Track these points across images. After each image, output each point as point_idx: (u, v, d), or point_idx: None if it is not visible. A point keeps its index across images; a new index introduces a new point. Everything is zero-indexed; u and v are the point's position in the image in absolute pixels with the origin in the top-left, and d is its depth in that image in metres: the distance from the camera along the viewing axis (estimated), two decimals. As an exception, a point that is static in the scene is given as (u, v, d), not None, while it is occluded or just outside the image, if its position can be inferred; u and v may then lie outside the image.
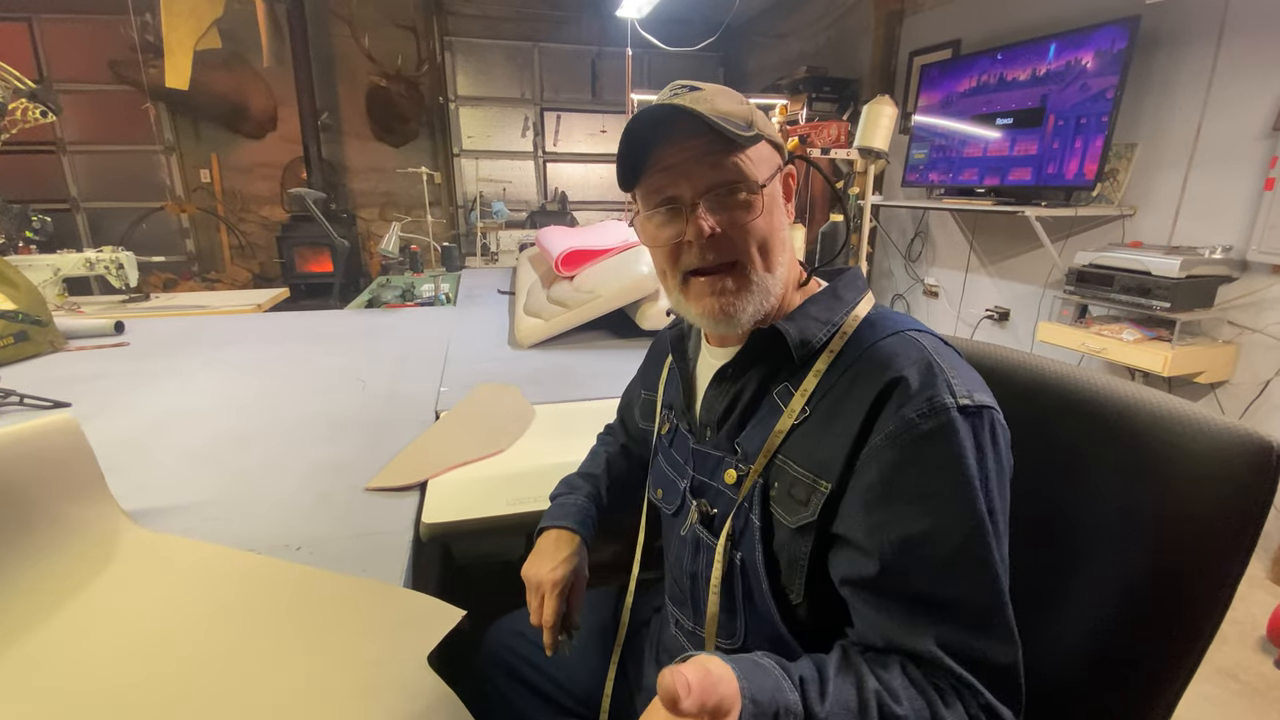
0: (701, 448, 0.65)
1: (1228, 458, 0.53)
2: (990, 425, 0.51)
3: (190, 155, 4.83)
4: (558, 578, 0.70)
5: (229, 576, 0.73)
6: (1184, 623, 0.54)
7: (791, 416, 0.57)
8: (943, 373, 0.51)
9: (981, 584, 0.49)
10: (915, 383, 0.51)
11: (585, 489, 0.81)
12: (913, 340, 0.55)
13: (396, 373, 1.45)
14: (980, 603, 0.49)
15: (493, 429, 1.13)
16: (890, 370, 0.52)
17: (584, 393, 1.32)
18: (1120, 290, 2.19)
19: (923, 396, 0.50)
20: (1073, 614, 0.60)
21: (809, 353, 0.58)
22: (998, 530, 0.50)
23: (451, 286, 2.53)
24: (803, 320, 0.59)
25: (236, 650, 0.62)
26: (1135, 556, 0.57)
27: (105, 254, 2.30)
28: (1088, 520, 0.60)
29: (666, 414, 0.74)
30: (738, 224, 0.57)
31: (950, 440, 0.49)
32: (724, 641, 0.62)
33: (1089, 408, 0.62)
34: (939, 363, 0.52)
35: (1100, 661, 0.59)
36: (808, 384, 0.57)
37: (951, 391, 0.50)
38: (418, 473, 0.95)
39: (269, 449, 1.06)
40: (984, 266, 3.13)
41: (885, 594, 0.51)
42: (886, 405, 0.51)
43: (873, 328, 0.58)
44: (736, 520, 0.59)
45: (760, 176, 0.57)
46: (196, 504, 0.88)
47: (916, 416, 0.50)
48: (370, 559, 0.76)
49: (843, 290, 0.62)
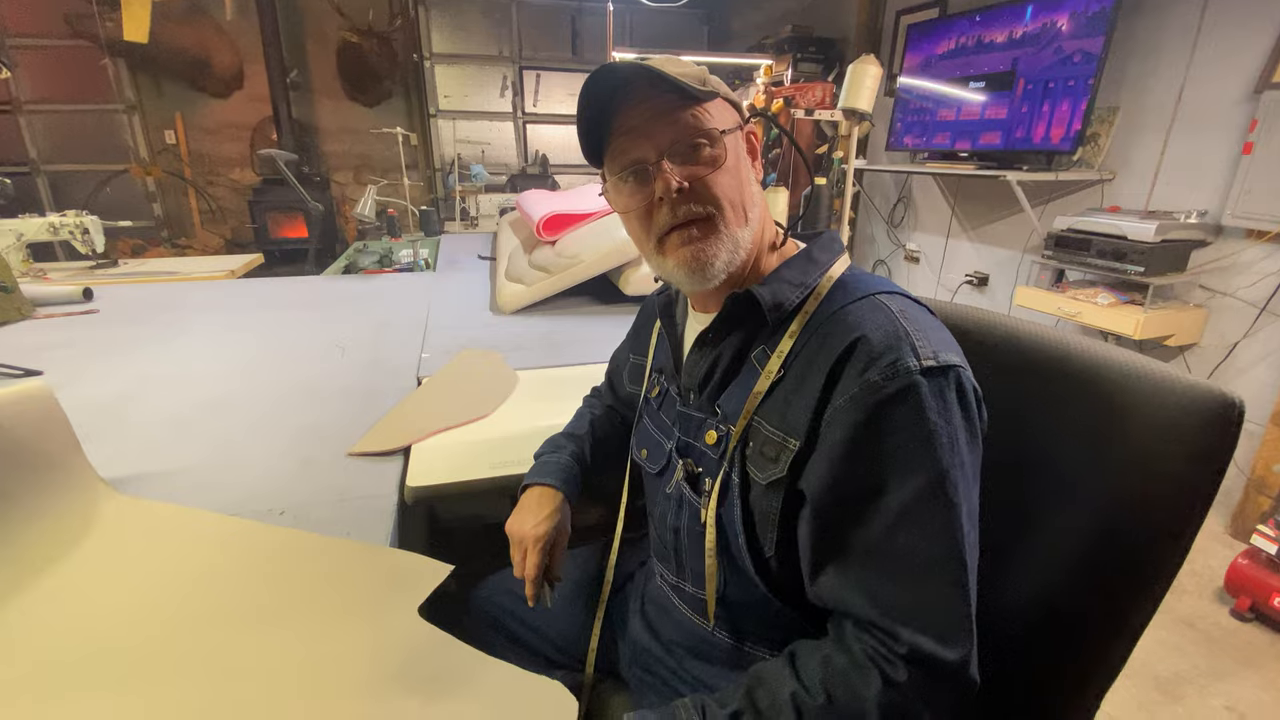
0: (687, 410, 0.67)
1: (1191, 413, 0.55)
2: (956, 383, 0.52)
3: (153, 115, 4.63)
4: (540, 533, 0.72)
5: (213, 540, 0.73)
6: (1141, 573, 0.57)
7: (769, 378, 0.58)
8: (908, 336, 0.52)
9: (937, 536, 0.50)
10: (879, 347, 0.52)
11: (569, 448, 0.82)
12: (880, 304, 0.56)
13: (377, 339, 1.43)
14: (935, 554, 0.50)
15: (476, 395, 1.12)
16: (853, 334, 0.54)
17: (567, 358, 1.32)
18: (1096, 255, 2.22)
19: (885, 360, 0.51)
20: (1034, 563, 0.63)
21: (783, 315, 0.60)
22: (963, 484, 0.51)
23: (431, 252, 2.49)
24: (776, 284, 0.60)
25: (225, 613, 0.63)
26: (1097, 509, 0.59)
27: (69, 218, 2.22)
28: (1052, 475, 0.63)
29: (656, 378, 0.75)
30: (703, 177, 0.59)
31: (912, 401, 0.50)
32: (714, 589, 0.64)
33: (1058, 365, 0.63)
34: (904, 326, 0.53)
35: (1058, 610, 0.62)
36: (783, 346, 0.59)
37: (916, 354, 0.51)
38: (401, 438, 0.95)
39: (248, 416, 1.05)
40: (965, 232, 3.15)
41: (840, 548, 0.53)
42: (848, 368, 0.53)
43: (844, 290, 0.59)
44: (718, 478, 0.61)
45: (721, 126, 0.59)
46: (176, 471, 0.88)
47: (879, 379, 0.51)
48: (355, 523, 0.76)
49: (818, 253, 0.63)
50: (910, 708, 0.50)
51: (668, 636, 0.71)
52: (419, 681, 0.57)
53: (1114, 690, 0.60)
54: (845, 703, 0.50)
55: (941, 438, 0.50)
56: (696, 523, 0.63)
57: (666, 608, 0.72)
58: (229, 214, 4.91)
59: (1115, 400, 0.59)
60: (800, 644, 0.56)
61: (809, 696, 0.51)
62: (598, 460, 0.85)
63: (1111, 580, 0.58)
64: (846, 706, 0.50)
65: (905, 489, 0.50)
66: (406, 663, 0.58)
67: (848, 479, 0.52)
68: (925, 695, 0.50)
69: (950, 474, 0.50)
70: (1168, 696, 1.46)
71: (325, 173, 4.94)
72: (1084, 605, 0.60)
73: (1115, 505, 0.58)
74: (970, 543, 0.51)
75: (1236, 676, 1.52)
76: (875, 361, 0.52)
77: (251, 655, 0.58)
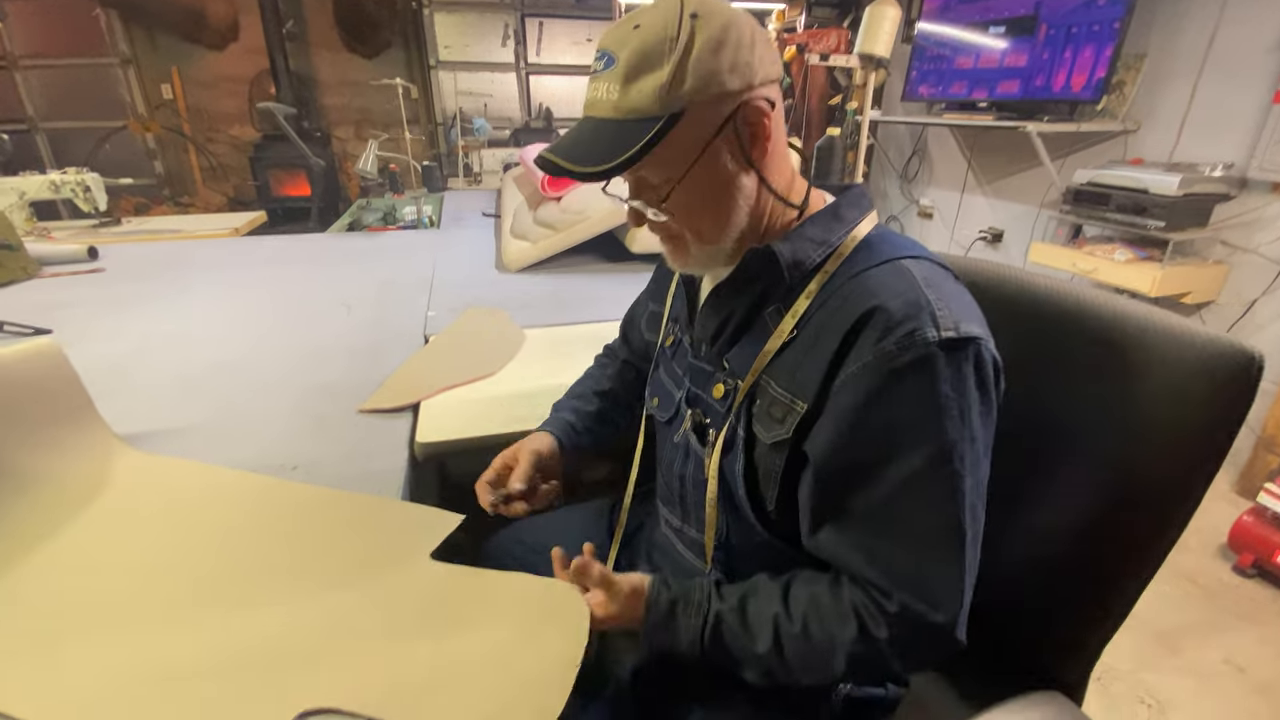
0: (698, 362, 0.67)
1: (1209, 368, 0.54)
2: (975, 356, 0.51)
3: (149, 69, 4.53)
4: (533, 447, 0.76)
5: (229, 494, 0.74)
6: (1150, 527, 0.57)
7: (780, 338, 0.58)
8: (929, 305, 0.51)
9: (939, 508, 0.51)
10: (897, 315, 0.51)
11: (569, 405, 0.86)
12: (903, 270, 0.54)
13: (382, 297, 1.43)
14: (935, 524, 0.51)
15: (483, 352, 1.12)
16: (872, 300, 0.52)
17: (574, 316, 1.31)
18: (1116, 209, 2.16)
19: (903, 330, 0.50)
20: (1040, 515, 0.63)
21: (802, 274, 0.58)
22: (970, 457, 0.51)
23: (434, 209, 2.46)
24: (798, 241, 0.58)
25: (244, 564, 0.64)
26: (1107, 463, 0.59)
27: (70, 176, 2.20)
28: (1062, 428, 0.62)
29: (672, 327, 0.75)
30: (662, 219, 0.58)
31: (926, 372, 0.50)
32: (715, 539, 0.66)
33: (1073, 319, 0.62)
34: (926, 295, 0.51)
35: (1063, 562, 0.62)
36: (798, 306, 0.57)
37: (936, 324, 0.50)
38: (410, 394, 0.96)
39: (257, 374, 1.06)
40: (980, 187, 3.08)
41: (841, 510, 0.54)
42: (864, 334, 0.52)
43: (868, 251, 0.57)
44: (723, 431, 0.62)
45: (679, 166, 0.55)
46: (187, 428, 0.89)
47: (894, 348, 0.50)
48: (367, 478, 0.77)
49: (844, 209, 0.61)
50: (879, 659, 0.53)
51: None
52: (438, 612, 0.59)
53: (1113, 642, 0.61)
54: (817, 639, 0.54)
55: (953, 410, 0.50)
56: (701, 472, 0.64)
57: (669, 552, 0.74)
58: (230, 171, 4.85)
59: (1131, 354, 0.58)
60: (800, 574, 0.59)
61: (789, 623, 0.56)
62: (606, 415, 0.85)
63: (1119, 533, 0.59)
64: (818, 643, 0.54)
65: (912, 460, 0.50)
66: (423, 599, 0.61)
67: (853, 446, 0.52)
68: (903, 649, 0.53)
69: (958, 447, 0.50)
70: (1167, 649, 1.49)
71: (325, 128, 4.85)
72: (1089, 558, 0.61)
73: (1126, 459, 0.58)
74: (974, 515, 0.52)
75: (1236, 630, 1.55)
76: (892, 330, 0.50)
77: (270, 604, 0.59)
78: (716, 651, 0.58)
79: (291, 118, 2.41)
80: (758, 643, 0.56)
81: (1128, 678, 1.41)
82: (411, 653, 0.55)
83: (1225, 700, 1.37)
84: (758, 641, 0.56)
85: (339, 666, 0.52)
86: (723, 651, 0.58)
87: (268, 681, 0.50)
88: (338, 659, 0.53)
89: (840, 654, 0.54)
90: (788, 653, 0.55)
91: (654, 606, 0.59)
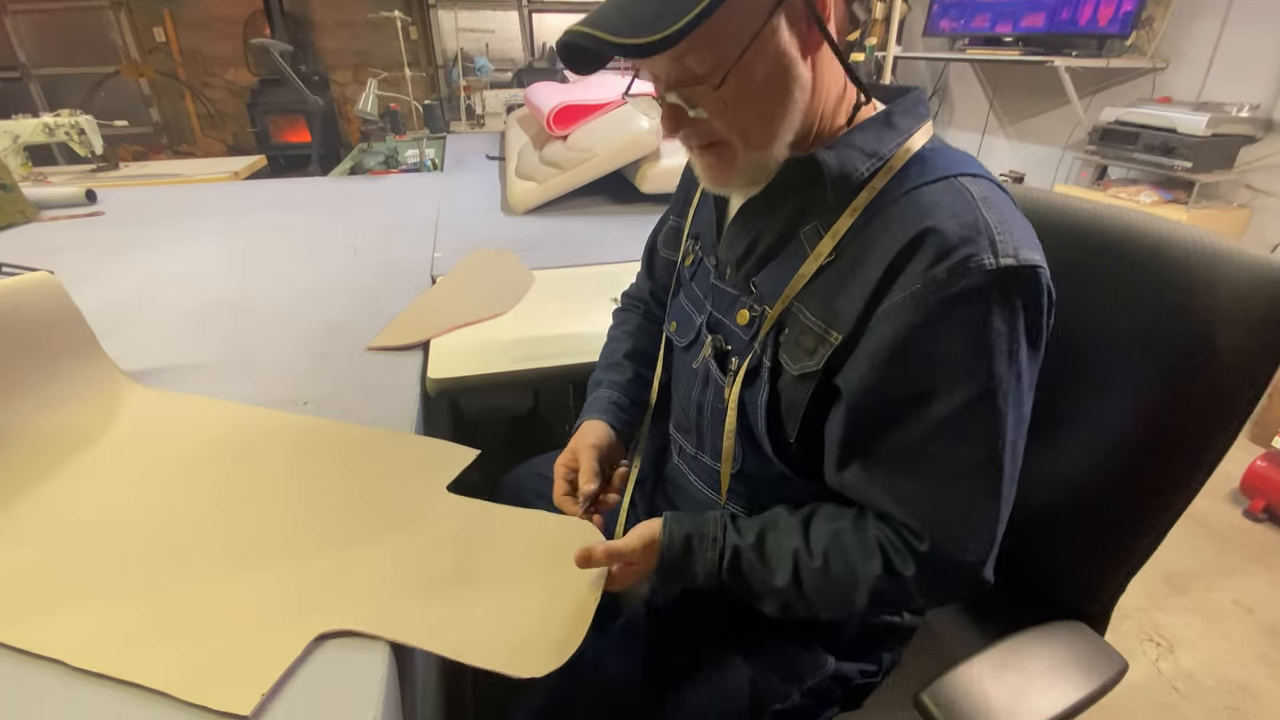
0: (721, 284, 0.63)
1: (1256, 290, 0.51)
2: (1033, 286, 0.47)
3: (140, 11, 4.37)
4: (589, 442, 0.69)
5: (241, 428, 0.73)
6: (1186, 457, 0.55)
7: (817, 261, 0.52)
8: (987, 229, 0.46)
9: (977, 445, 0.48)
10: (952, 239, 0.45)
11: (606, 379, 0.79)
12: (960, 188, 0.48)
13: (387, 240, 1.40)
14: (971, 462, 0.48)
15: (492, 293, 1.10)
16: (925, 221, 0.47)
17: (582, 258, 1.28)
18: (1143, 149, 2.09)
19: (958, 255, 0.45)
20: (1076, 445, 0.61)
21: (847, 189, 0.52)
22: (1014, 395, 0.48)
23: (437, 152, 2.40)
24: (845, 150, 0.51)
25: (257, 495, 0.64)
26: (1149, 392, 0.57)
27: (64, 118, 2.15)
28: (1100, 356, 0.60)
29: (692, 245, 0.70)
30: (705, 117, 0.51)
31: (979, 303, 0.45)
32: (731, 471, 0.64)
33: (1115, 243, 0.60)
34: (985, 217, 0.46)
35: (1094, 495, 0.61)
36: (840, 225, 0.52)
37: (994, 250, 0.45)
38: (420, 332, 0.94)
39: (263, 313, 1.04)
40: (1002, 128, 2.97)
41: (871, 447, 0.51)
42: (913, 260, 0.47)
43: (921, 166, 0.51)
44: (746, 360, 0.58)
45: (732, 45, 0.47)
46: (193, 365, 0.88)
47: (946, 276, 0.45)
48: (379, 413, 0.76)
49: (898, 117, 0.53)
50: (903, 595, 0.52)
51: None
52: (455, 545, 0.59)
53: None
54: (839, 573, 0.53)
55: (1002, 347, 0.46)
56: (719, 401, 0.62)
57: (682, 484, 0.73)
58: (228, 118, 4.74)
59: (1175, 277, 0.55)
60: (822, 508, 0.57)
61: (809, 558, 0.54)
62: (643, 378, 0.80)
63: (1152, 466, 0.57)
64: (839, 577, 0.53)
65: (952, 398, 0.47)
66: (440, 532, 0.60)
67: (891, 382, 0.49)
68: (929, 587, 0.52)
69: (1003, 385, 0.47)
70: (1175, 589, 1.50)
71: (323, 72, 4.70)
72: (1120, 492, 0.59)
73: (1166, 389, 0.56)
74: (1014, 454, 0.49)
75: (1246, 573, 1.56)
76: (946, 255, 0.45)
77: (285, 534, 0.58)
78: (734, 585, 0.57)
79: (288, 56, 2.33)
80: (776, 577, 0.55)
81: (1136, 616, 1.43)
82: (429, 584, 0.54)
83: (1233, 640, 1.39)
84: (776, 576, 0.55)
85: (356, 595, 0.52)
86: (740, 585, 0.57)
87: (284, 609, 0.50)
88: (354, 587, 0.53)
89: (863, 589, 0.52)
90: (807, 587, 0.54)
91: (668, 547, 0.57)
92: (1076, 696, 0.52)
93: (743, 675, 0.62)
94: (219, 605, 0.51)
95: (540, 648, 0.49)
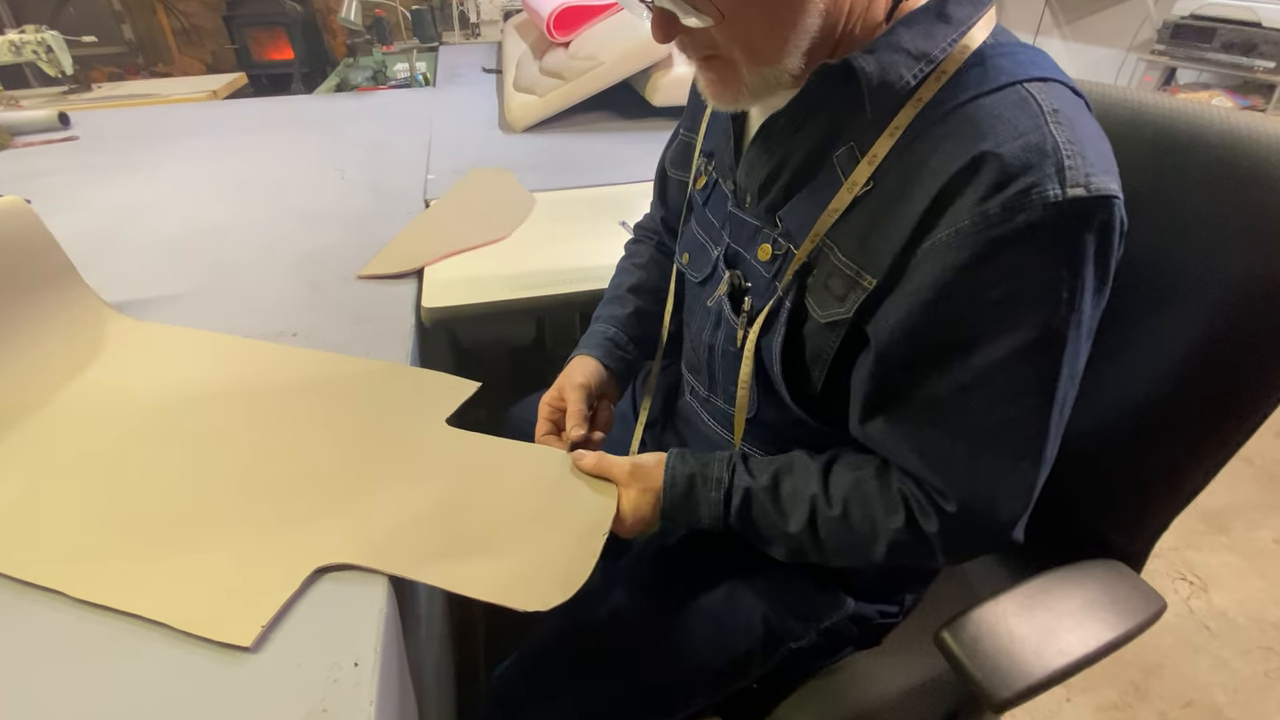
0: (740, 213, 0.59)
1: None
2: (1104, 223, 0.41)
3: (100, -90, 4.17)
4: (577, 380, 0.67)
5: (230, 360, 0.73)
6: (1251, 384, 0.53)
7: (852, 190, 0.47)
8: (1057, 152, 0.40)
9: (1023, 400, 0.45)
10: (1013, 165, 0.40)
11: (605, 314, 0.77)
12: (1026, 99, 0.42)
13: (377, 161, 1.37)
14: (1013, 418, 0.45)
15: (490, 216, 1.08)
16: (981, 143, 0.41)
17: (588, 179, 1.24)
18: (1220, 48, 1.94)
19: (1018, 186, 0.40)
20: (1125, 376, 0.59)
21: (889, 101, 0.45)
22: (1072, 345, 0.44)
23: (428, 66, 2.30)
24: (886, 53, 0.44)
25: (249, 427, 0.64)
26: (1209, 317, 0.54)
27: (30, 35, 2.08)
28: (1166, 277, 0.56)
29: (705, 164, 0.65)
30: (704, 23, 0.44)
31: (1038, 243, 0.41)
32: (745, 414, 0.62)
33: (1186, 143, 0.55)
34: (1056, 136, 0.40)
35: (1150, 417, 0.58)
36: (879, 147, 0.46)
37: (1062, 179, 0.40)
38: (413, 260, 0.93)
39: (249, 240, 1.03)
40: (1059, 28, 2.78)
41: (901, 400, 0.49)
42: (964, 191, 0.42)
43: (982, 70, 0.44)
44: (765, 302, 0.55)
45: None
46: (177, 295, 0.87)
47: (1001, 211, 0.40)
48: (372, 344, 0.76)
49: (954, 7, 0.45)
50: (923, 550, 0.51)
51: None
52: (457, 478, 0.59)
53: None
54: (858, 523, 0.52)
55: (1062, 293, 0.41)
56: (731, 344, 0.59)
57: (695, 424, 0.72)
58: (206, 35, 4.57)
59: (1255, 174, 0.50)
60: (843, 455, 0.56)
61: (827, 506, 0.53)
62: (646, 314, 0.77)
63: (1215, 394, 0.54)
64: (858, 527, 0.52)
65: (998, 348, 0.43)
66: (441, 465, 0.60)
67: (929, 330, 0.45)
68: (952, 544, 0.50)
69: (1060, 334, 0.43)
70: (1214, 527, 1.50)
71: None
72: (1176, 422, 0.57)
73: (1229, 313, 0.52)
74: (1062, 409, 0.46)
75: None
76: (1004, 186, 0.40)
77: (279, 467, 0.59)
78: (743, 528, 0.56)
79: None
80: (789, 522, 0.54)
81: (1168, 555, 1.44)
82: (429, 518, 0.54)
83: (1271, 579, 1.40)
84: (790, 521, 0.54)
85: (354, 528, 0.52)
86: (750, 528, 0.56)
87: (282, 542, 0.51)
88: (352, 521, 0.53)
89: (881, 542, 0.51)
90: (823, 534, 0.53)
91: (671, 486, 0.57)
92: (1108, 636, 0.51)
93: (756, 611, 0.63)
94: (216, 538, 0.51)
95: (546, 580, 0.49)
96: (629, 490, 0.57)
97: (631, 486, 0.57)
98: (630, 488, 0.57)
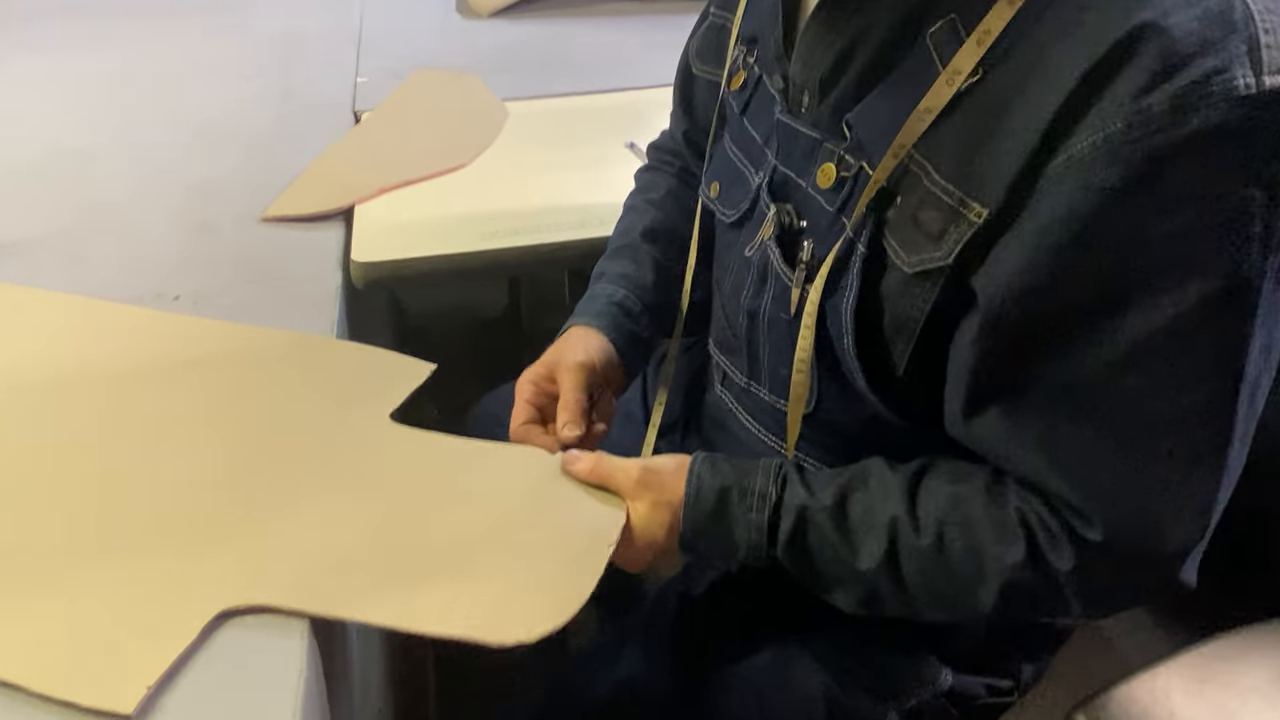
0: (793, 122, 0.58)
1: None
2: None
3: None
4: (572, 361, 0.67)
5: (90, 333, 0.73)
6: None
7: (954, 82, 0.46)
8: (1249, 23, 0.38)
9: (1200, 381, 0.43)
10: (1184, 44, 0.38)
11: (609, 272, 0.77)
12: None
13: (289, 57, 1.37)
14: (1187, 408, 0.44)
15: (445, 135, 1.10)
16: (1139, 12, 0.39)
17: (582, 84, 1.25)
18: None
19: (1194, 72, 0.38)
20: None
21: None
22: (1268, 299, 0.42)
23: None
24: None
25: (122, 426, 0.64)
26: None
27: None
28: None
29: (744, 54, 0.66)
30: None
31: (1224, 153, 0.39)
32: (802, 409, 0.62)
33: None
34: (1244, 2, 0.39)
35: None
36: (993, 20, 0.44)
37: (1255, 63, 0.38)
38: (339, 196, 0.94)
39: (120, 166, 1.04)
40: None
41: (1024, 383, 0.48)
42: (1115, 80, 0.40)
43: None
44: (829, 246, 0.54)
45: None
46: (28, 241, 0.88)
47: (1170, 108, 0.38)
48: (280, 312, 0.77)
49: None
50: (1050, 597, 0.50)
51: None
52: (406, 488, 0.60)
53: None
54: (959, 558, 0.51)
55: (1255, 225, 0.40)
56: (784, 309, 0.58)
57: (729, 426, 0.72)
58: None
59: None
60: (938, 464, 0.55)
61: (913, 532, 0.51)
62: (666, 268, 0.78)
63: None
64: (959, 563, 0.51)
65: (1161, 308, 0.42)
66: (385, 470, 0.61)
67: (1062, 281, 0.44)
68: (1091, 587, 0.50)
69: (1252, 288, 0.41)
70: None
71: None
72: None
73: None
74: (1253, 394, 0.44)
75: None
76: (1172, 74, 0.38)
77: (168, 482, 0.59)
78: (795, 563, 0.55)
79: None
80: (860, 556, 0.53)
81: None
82: (368, 540, 0.55)
83: None
84: (860, 554, 0.53)
85: (266, 559, 0.53)
86: (805, 564, 0.55)
87: (172, 581, 0.51)
88: (263, 550, 0.54)
89: (991, 584, 0.50)
90: (907, 574, 0.52)
91: (694, 503, 0.56)
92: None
93: (815, 684, 0.63)
94: (86, 575, 0.52)
95: (530, 606, 0.50)
96: (637, 504, 0.57)
97: (641, 499, 0.57)
98: (639, 500, 0.57)
